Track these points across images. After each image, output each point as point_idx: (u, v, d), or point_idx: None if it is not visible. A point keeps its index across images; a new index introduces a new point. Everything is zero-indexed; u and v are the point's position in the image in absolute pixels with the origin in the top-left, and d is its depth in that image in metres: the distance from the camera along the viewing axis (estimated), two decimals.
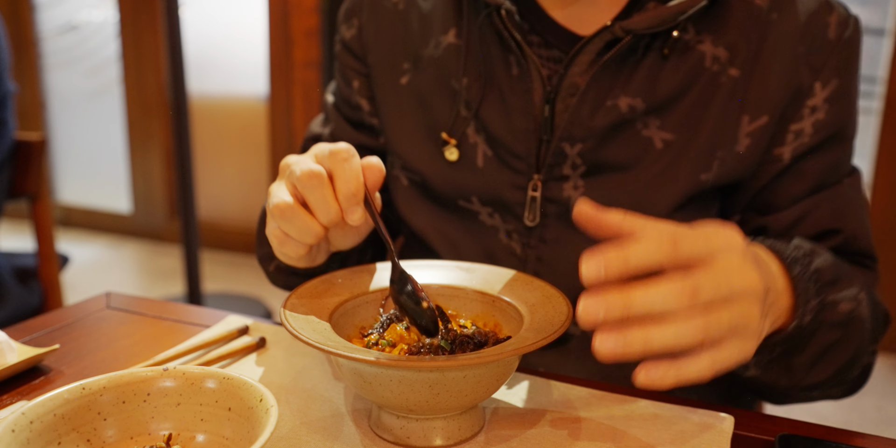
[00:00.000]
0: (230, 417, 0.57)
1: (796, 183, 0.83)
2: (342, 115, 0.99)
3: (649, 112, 0.81)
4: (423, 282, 0.73)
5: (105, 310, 0.91)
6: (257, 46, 3.28)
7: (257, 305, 2.91)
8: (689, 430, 0.66)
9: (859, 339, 0.76)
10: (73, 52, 3.71)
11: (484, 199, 0.88)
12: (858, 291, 0.76)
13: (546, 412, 0.68)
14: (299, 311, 0.65)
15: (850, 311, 0.74)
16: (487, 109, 0.86)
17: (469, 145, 0.87)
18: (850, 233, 0.84)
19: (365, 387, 0.60)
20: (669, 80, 0.81)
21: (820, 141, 0.82)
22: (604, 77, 0.81)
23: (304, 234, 0.67)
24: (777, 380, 0.77)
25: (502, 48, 0.85)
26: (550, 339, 0.58)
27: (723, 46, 0.81)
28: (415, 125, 0.91)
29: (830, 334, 0.73)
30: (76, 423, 0.56)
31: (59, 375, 0.75)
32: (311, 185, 0.65)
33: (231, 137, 3.49)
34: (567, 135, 0.82)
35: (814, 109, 0.82)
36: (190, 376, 0.59)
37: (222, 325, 0.85)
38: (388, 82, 0.93)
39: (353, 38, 0.96)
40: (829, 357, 0.75)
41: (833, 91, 0.82)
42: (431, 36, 0.90)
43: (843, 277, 0.75)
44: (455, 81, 0.88)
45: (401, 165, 0.93)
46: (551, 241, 0.86)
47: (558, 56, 0.84)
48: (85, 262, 3.48)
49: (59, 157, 3.91)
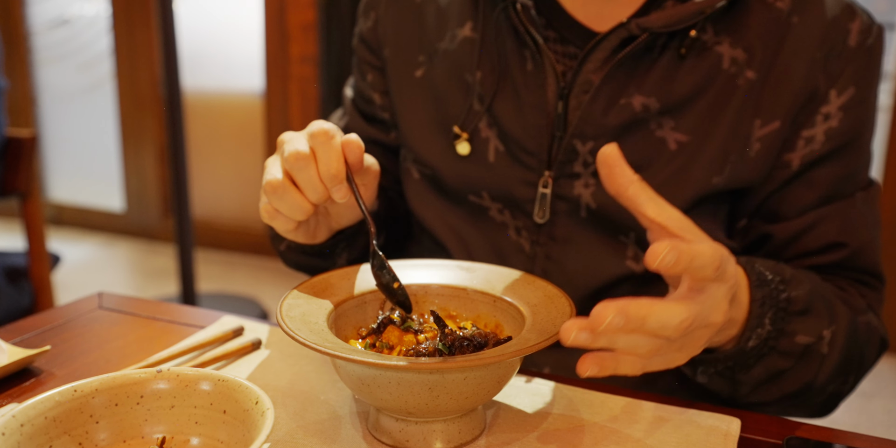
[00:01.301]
0: (225, 420, 0.57)
1: (805, 192, 0.83)
2: (357, 108, 1.01)
3: (664, 112, 0.82)
4: (422, 282, 0.73)
5: (97, 310, 0.91)
6: (253, 41, 3.28)
7: (253, 306, 2.91)
8: (695, 433, 0.66)
9: (814, 374, 0.77)
10: (65, 46, 3.71)
11: (494, 195, 0.89)
12: (827, 327, 0.76)
13: (548, 415, 0.68)
14: (296, 312, 0.65)
15: (808, 344, 0.74)
16: (500, 104, 0.87)
17: (481, 140, 0.88)
18: (857, 248, 0.83)
19: (363, 389, 0.60)
20: (685, 81, 0.81)
21: (831, 149, 0.82)
22: (618, 75, 0.81)
23: (294, 211, 0.71)
24: (721, 390, 0.79)
25: (518, 43, 0.86)
26: (553, 341, 0.58)
27: (741, 48, 0.81)
28: (428, 118, 0.92)
29: (780, 362, 0.74)
30: (68, 427, 0.56)
31: (50, 377, 0.75)
32: (298, 166, 0.69)
33: (226, 134, 3.49)
34: (579, 132, 0.83)
35: (827, 117, 0.81)
36: (184, 378, 0.59)
37: (217, 326, 0.85)
38: (404, 75, 0.94)
39: (369, 31, 0.97)
40: (776, 383, 0.76)
41: (849, 99, 0.81)
42: (447, 29, 0.91)
43: (816, 311, 0.75)
44: (469, 75, 0.89)
45: (413, 158, 0.94)
46: (560, 238, 0.86)
47: (574, 52, 0.85)
48: (77, 262, 3.48)
49: (50, 154, 3.91)
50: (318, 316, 0.65)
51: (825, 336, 0.75)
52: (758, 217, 0.86)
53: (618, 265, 0.85)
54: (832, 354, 0.77)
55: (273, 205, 0.72)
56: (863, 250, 0.84)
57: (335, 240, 0.85)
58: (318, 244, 0.84)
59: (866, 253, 0.84)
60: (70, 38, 3.69)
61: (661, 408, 0.70)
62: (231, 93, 3.44)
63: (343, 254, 0.88)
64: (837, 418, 2.27)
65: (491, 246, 0.90)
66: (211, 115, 3.48)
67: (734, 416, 0.69)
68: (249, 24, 3.26)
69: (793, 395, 0.78)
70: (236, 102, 3.43)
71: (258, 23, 3.23)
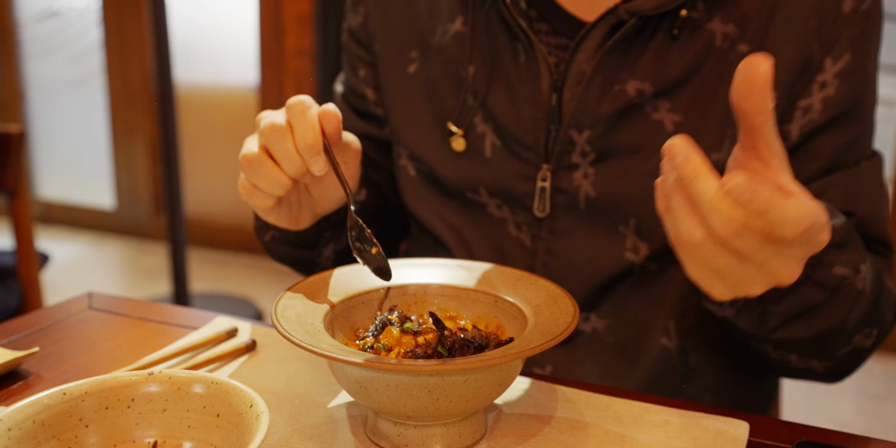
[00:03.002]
0: (219, 424, 0.57)
1: (807, 163, 0.83)
2: (349, 104, 1.02)
3: (658, 95, 0.82)
4: (422, 281, 0.73)
5: (87, 311, 0.91)
6: (247, 33, 3.28)
7: (247, 306, 2.92)
8: (702, 437, 0.66)
9: (847, 310, 0.74)
10: (54, 39, 3.71)
11: (492, 191, 0.89)
12: (861, 262, 0.74)
13: (551, 418, 0.68)
14: (291, 312, 0.65)
15: (844, 276, 0.72)
16: (495, 98, 0.87)
17: (477, 135, 0.89)
18: (864, 217, 0.83)
19: (360, 392, 0.60)
20: (678, 62, 0.81)
21: (830, 118, 0.82)
22: (610, 62, 0.82)
23: (271, 185, 0.72)
24: (748, 325, 0.76)
25: (509, 36, 0.86)
26: (555, 342, 0.58)
27: (732, 23, 0.81)
28: (422, 115, 0.92)
29: (815, 293, 0.71)
30: (56, 431, 0.56)
31: (39, 380, 0.75)
32: (274, 138, 0.70)
33: (220, 129, 3.49)
34: (575, 122, 0.83)
35: (823, 85, 0.81)
36: (176, 381, 0.59)
37: (210, 327, 0.85)
38: (396, 71, 0.94)
39: (359, 26, 0.98)
40: (808, 317, 0.73)
41: (845, 66, 0.81)
42: (439, 24, 0.91)
43: (851, 244, 0.73)
44: (462, 70, 0.89)
45: (408, 155, 0.95)
46: (561, 232, 0.87)
47: (565, 43, 0.85)
48: (66, 261, 3.49)
49: (38, 151, 3.91)
50: (315, 317, 0.65)
51: (862, 271, 0.74)
52: None
53: (617, 257, 0.85)
54: (865, 293, 0.75)
55: (250, 180, 0.74)
56: (871, 219, 0.83)
57: (320, 227, 0.85)
58: (303, 232, 0.85)
59: (874, 221, 0.84)
60: (59, 30, 3.69)
61: (668, 411, 0.70)
62: (225, 87, 3.44)
63: (329, 244, 0.89)
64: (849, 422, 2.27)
65: (491, 242, 0.91)
66: (204, 110, 3.48)
67: (743, 419, 0.69)
68: (243, 15, 3.26)
69: (820, 337, 0.76)
70: (230, 97, 3.43)
71: (252, 14, 3.23)
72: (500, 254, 0.90)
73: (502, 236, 0.90)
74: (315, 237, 0.87)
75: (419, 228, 0.99)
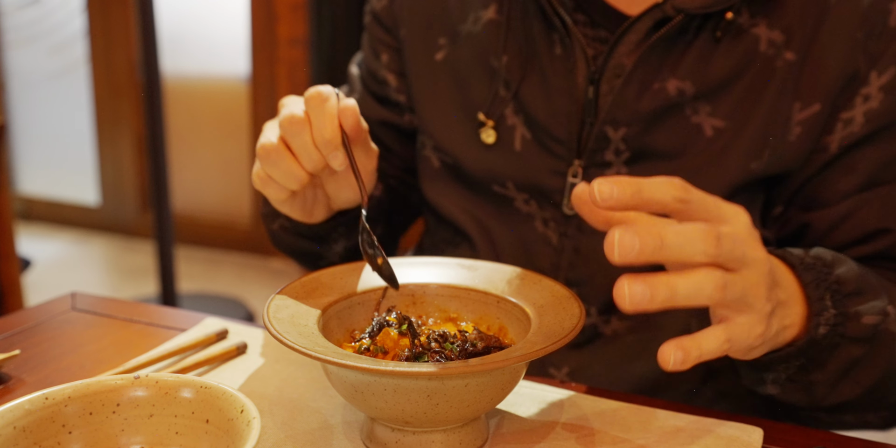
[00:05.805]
0: (208, 430, 0.57)
1: (845, 177, 0.83)
2: (367, 88, 1.02)
3: (699, 97, 0.83)
4: (421, 281, 0.73)
5: (70, 312, 0.91)
6: (238, 21, 3.27)
7: (238, 307, 2.92)
8: (714, 444, 0.66)
9: (890, 356, 0.75)
10: (35, 27, 3.70)
11: (520, 185, 0.90)
12: (888, 304, 0.75)
13: (556, 424, 0.68)
14: (284, 313, 0.65)
15: (876, 324, 0.73)
16: (527, 90, 0.88)
17: (507, 127, 0.89)
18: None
19: (356, 397, 0.60)
20: (721, 64, 0.82)
21: (871, 132, 0.83)
22: (652, 58, 0.83)
23: (288, 178, 0.73)
24: (798, 399, 0.77)
25: (546, 26, 0.87)
26: (560, 345, 0.58)
27: (779, 29, 0.82)
28: (450, 104, 0.93)
29: (853, 349, 0.72)
30: (38, 437, 0.56)
31: (20, 384, 0.75)
32: (293, 131, 0.71)
33: (209, 122, 3.49)
34: (611, 118, 0.84)
35: (867, 98, 0.82)
36: (164, 385, 0.59)
37: (199, 329, 0.85)
38: (422, 58, 0.95)
39: (383, 9, 0.99)
40: (855, 375, 0.75)
41: (890, 80, 0.82)
42: (470, 10, 0.92)
43: (868, 289, 0.74)
44: (494, 59, 0.90)
45: (432, 146, 0.96)
46: (590, 231, 0.87)
47: (605, 36, 0.86)
48: (48, 260, 3.49)
49: (19, 144, 3.91)
50: (308, 318, 0.65)
51: (890, 313, 0.75)
52: (795, 205, 0.87)
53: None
54: None
55: (266, 171, 0.74)
56: None
57: (334, 223, 0.86)
58: (315, 225, 0.85)
59: None
60: (41, 18, 3.69)
61: (678, 417, 0.70)
62: (214, 77, 3.43)
63: (340, 241, 0.89)
64: None
65: (516, 238, 0.91)
66: (193, 102, 3.48)
67: (757, 425, 0.69)
68: (234, 3, 3.26)
69: (872, 390, 0.76)
70: (220, 88, 3.43)
71: (243, 1, 3.22)
72: (525, 250, 0.91)
73: (528, 232, 0.90)
74: (328, 232, 0.88)
75: (437, 220, 0.99)
